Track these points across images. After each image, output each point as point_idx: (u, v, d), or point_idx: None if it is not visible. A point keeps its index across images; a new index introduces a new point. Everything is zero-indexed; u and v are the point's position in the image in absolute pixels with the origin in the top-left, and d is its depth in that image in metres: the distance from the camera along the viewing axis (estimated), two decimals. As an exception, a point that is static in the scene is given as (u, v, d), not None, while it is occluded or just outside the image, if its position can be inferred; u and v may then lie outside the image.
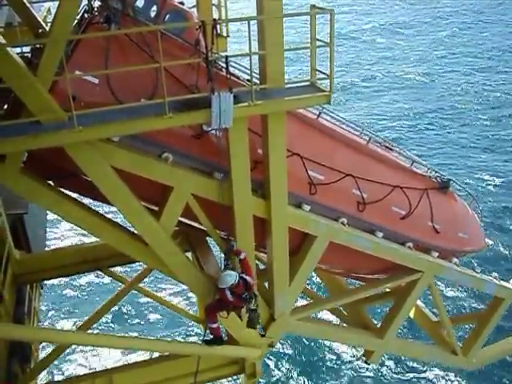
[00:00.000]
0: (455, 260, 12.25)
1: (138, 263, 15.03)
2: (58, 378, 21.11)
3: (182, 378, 10.75)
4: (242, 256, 9.26)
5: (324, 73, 8.56)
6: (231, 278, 8.88)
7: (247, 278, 9.06)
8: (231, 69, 8.57)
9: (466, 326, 17.84)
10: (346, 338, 12.73)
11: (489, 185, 33.57)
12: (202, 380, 11.16)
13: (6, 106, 9.15)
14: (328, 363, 23.72)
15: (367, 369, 22.83)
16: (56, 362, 14.14)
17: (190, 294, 23.56)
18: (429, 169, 11.96)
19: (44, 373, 13.43)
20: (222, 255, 9.70)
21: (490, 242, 27.19)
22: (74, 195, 9.21)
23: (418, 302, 13.74)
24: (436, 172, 12.02)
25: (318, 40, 8.46)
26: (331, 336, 12.73)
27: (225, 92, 7.78)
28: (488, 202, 31.39)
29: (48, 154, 7.77)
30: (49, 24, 10.71)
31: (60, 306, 26.56)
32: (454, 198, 12.19)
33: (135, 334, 24.25)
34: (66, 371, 22.61)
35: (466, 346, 13.49)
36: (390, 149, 11.68)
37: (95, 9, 8.83)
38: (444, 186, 11.80)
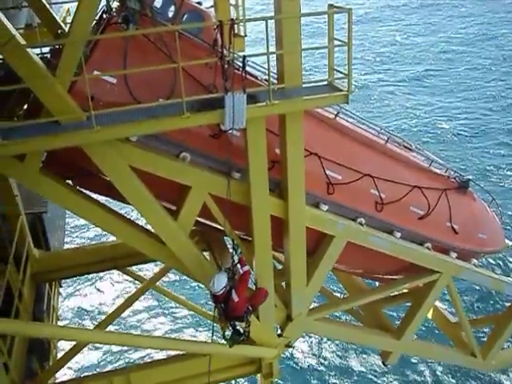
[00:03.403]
0: (474, 261, 12.13)
1: (155, 262, 15.11)
2: (75, 375, 21.27)
3: (200, 376, 10.77)
4: (244, 269, 8.90)
5: (342, 72, 8.52)
6: (217, 283, 8.46)
7: (233, 294, 8.50)
8: (250, 69, 8.57)
9: (485, 328, 17.66)
10: (364, 338, 12.66)
11: (509, 185, 33.16)
12: (218, 379, 11.19)
13: (25, 106, 9.26)
14: (344, 364, 23.64)
15: (384, 369, 22.72)
16: (74, 360, 14.23)
17: (207, 294, 23.57)
18: (448, 169, 11.86)
19: (62, 370, 13.50)
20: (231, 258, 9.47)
21: (511, 243, 26.86)
22: (93, 195, 9.27)
23: (437, 303, 13.63)
24: (455, 172, 11.91)
25: (335, 39, 8.42)
26: (348, 336, 12.67)
27: (238, 92, 7.78)
28: (508, 202, 31.00)
29: (67, 153, 7.83)
30: (68, 25, 10.80)
31: (78, 305, 26.77)
32: (474, 198, 12.07)
33: (153, 333, 24.37)
34: (83, 369, 22.77)
35: (485, 348, 13.34)
36: (409, 148, 11.61)
37: (113, 9, 8.87)
38: (463, 186, 11.69)
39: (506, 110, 42.85)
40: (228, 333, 9.28)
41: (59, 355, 13.92)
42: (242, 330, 9.14)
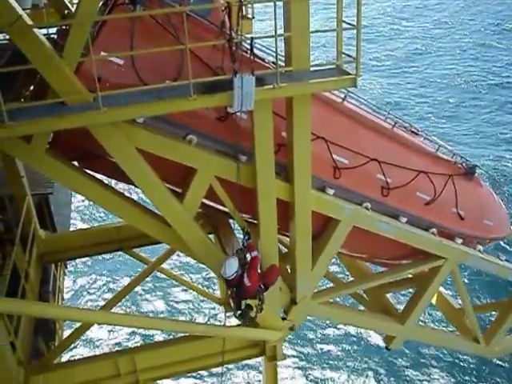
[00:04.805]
0: (479, 247, 12.11)
1: (161, 244, 15.17)
2: (81, 356, 21.47)
3: (203, 358, 10.85)
4: (252, 254, 8.99)
5: (350, 56, 8.45)
6: (228, 269, 8.54)
7: (245, 279, 8.66)
8: (258, 51, 8.51)
9: (489, 314, 17.71)
10: (367, 322, 12.71)
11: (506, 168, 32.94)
12: (222, 361, 11.24)
13: (32, 87, 9.24)
14: (347, 347, 23.79)
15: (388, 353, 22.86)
16: (79, 341, 14.38)
17: (212, 276, 23.72)
18: (454, 154, 11.80)
19: (68, 351, 13.63)
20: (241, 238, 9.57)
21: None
22: (99, 176, 9.28)
23: (441, 289, 13.64)
24: (462, 157, 11.86)
25: (344, 22, 8.33)
26: (352, 320, 12.71)
27: (247, 74, 7.73)
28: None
29: (73, 135, 7.83)
30: (74, 5, 10.73)
31: (84, 286, 26.95)
32: (480, 184, 12.03)
33: (157, 315, 24.54)
34: (88, 350, 22.98)
35: (489, 334, 13.36)
36: (416, 133, 11.55)
37: (121, -10, 8.80)
38: (470, 172, 11.65)
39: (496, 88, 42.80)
40: (239, 311, 9.33)
41: (65, 336, 14.04)
42: (252, 305, 9.22)
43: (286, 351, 12.42)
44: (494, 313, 14.80)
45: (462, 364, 22.59)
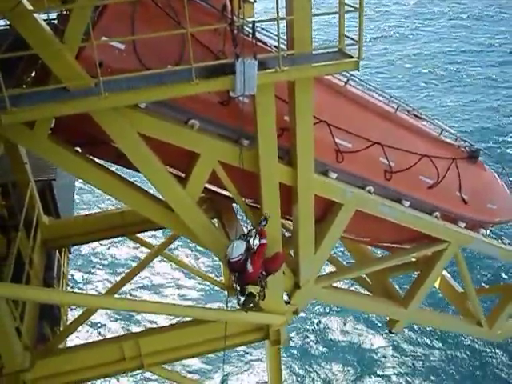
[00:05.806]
0: (483, 231, 12.11)
1: (164, 229, 15.22)
2: (86, 340, 21.61)
3: (208, 342, 10.90)
4: (262, 241, 9.00)
5: (353, 39, 8.39)
6: (235, 250, 8.58)
7: (248, 265, 8.67)
8: (259, 35, 8.46)
9: (492, 298, 17.73)
10: (371, 306, 12.76)
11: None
12: (226, 345, 11.30)
13: (34, 73, 9.21)
14: (350, 332, 23.88)
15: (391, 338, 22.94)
16: (84, 325, 14.50)
17: (216, 260, 23.79)
18: (458, 138, 11.76)
19: (73, 335, 13.71)
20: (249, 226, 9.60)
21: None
22: (102, 162, 9.28)
23: (444, 273, 13.67)
24: (465, 141, 11.82)
25: (346, 5, 8.27)
26: (355, 304, 12.75)
27: (249, 58, 7.69)
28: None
29: (75, 120, 7.82)
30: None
31: (88, 271, 27.06)
32: (484, 168, 12.00)
33: (161, 299, 24.66)
34: (93, 335, 23.13)
35: (492, 318, 13.40)
36: (419, 117, 11.51)
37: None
38: (473, 156, 11.61)
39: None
40: (241, 298, 9.37)
41: (69, 321, 14.12)
42: (255, 293, 9.28)
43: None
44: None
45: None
